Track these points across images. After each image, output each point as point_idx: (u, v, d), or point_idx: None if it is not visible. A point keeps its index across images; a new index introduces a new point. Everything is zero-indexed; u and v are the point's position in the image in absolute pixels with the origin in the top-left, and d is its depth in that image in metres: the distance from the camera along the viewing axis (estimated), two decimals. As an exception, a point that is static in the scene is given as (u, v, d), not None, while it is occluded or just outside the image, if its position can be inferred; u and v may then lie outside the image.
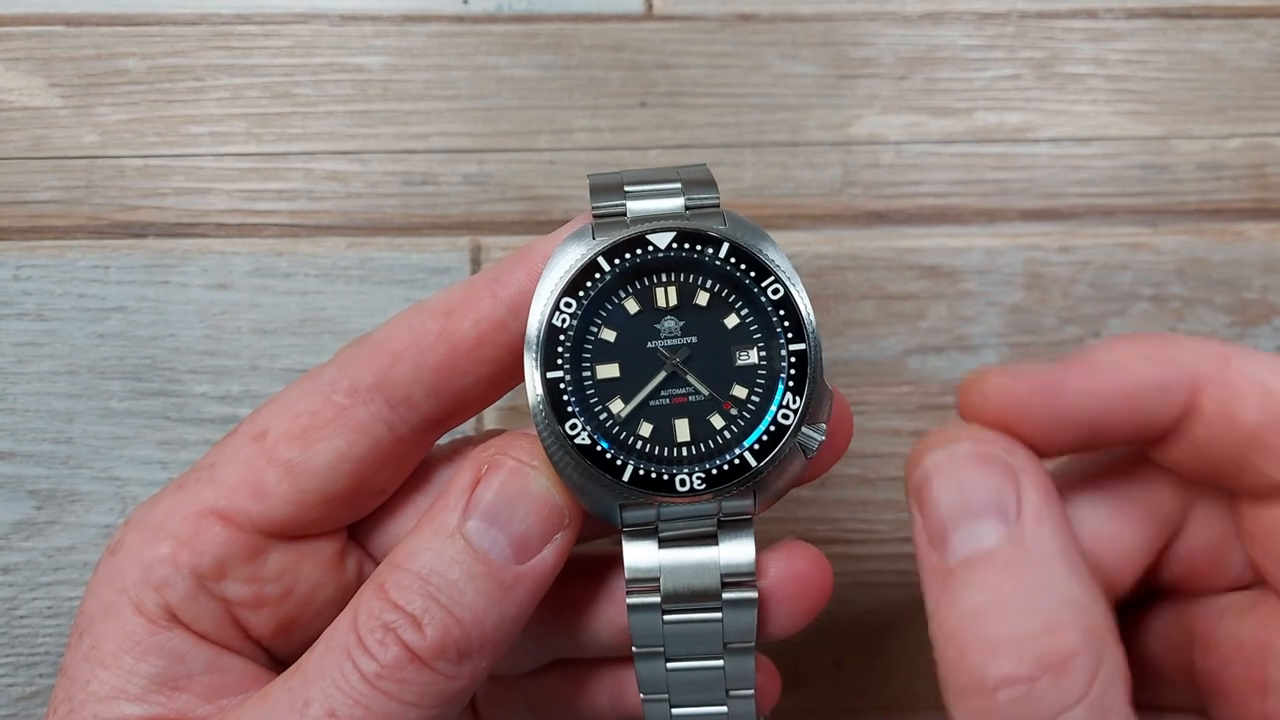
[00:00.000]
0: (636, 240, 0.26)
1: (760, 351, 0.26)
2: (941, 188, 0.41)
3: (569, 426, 0.25)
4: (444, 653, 0.24)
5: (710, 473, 0.26)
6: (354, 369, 0.27)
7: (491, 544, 0.25)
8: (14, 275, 0.39)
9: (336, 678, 0.24)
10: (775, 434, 0.26)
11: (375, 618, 0.25)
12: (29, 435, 0.38)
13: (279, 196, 0.40)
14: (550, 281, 0.26)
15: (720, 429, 0.26)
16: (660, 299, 0.27)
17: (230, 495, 0.27)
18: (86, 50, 0.40)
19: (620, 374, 0.26)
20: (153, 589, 0.26)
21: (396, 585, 0.25)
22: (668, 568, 0.26)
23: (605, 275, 0.26)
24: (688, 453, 0.26)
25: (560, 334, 0.26)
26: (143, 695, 0.26)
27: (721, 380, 0.26)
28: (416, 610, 0.24)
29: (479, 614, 0.25)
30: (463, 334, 0.27)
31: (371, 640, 0.24)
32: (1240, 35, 0.43)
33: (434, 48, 0.41)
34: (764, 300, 0.26)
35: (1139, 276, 0.41)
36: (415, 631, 0.24)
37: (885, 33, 0.42)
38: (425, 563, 0.25)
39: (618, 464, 0.25)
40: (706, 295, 0.27)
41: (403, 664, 0.24)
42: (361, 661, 0.24)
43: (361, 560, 0.29)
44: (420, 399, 0.27)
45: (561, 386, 0.26)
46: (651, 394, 0.26)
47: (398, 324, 0.27)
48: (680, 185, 0.27)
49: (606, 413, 0.26)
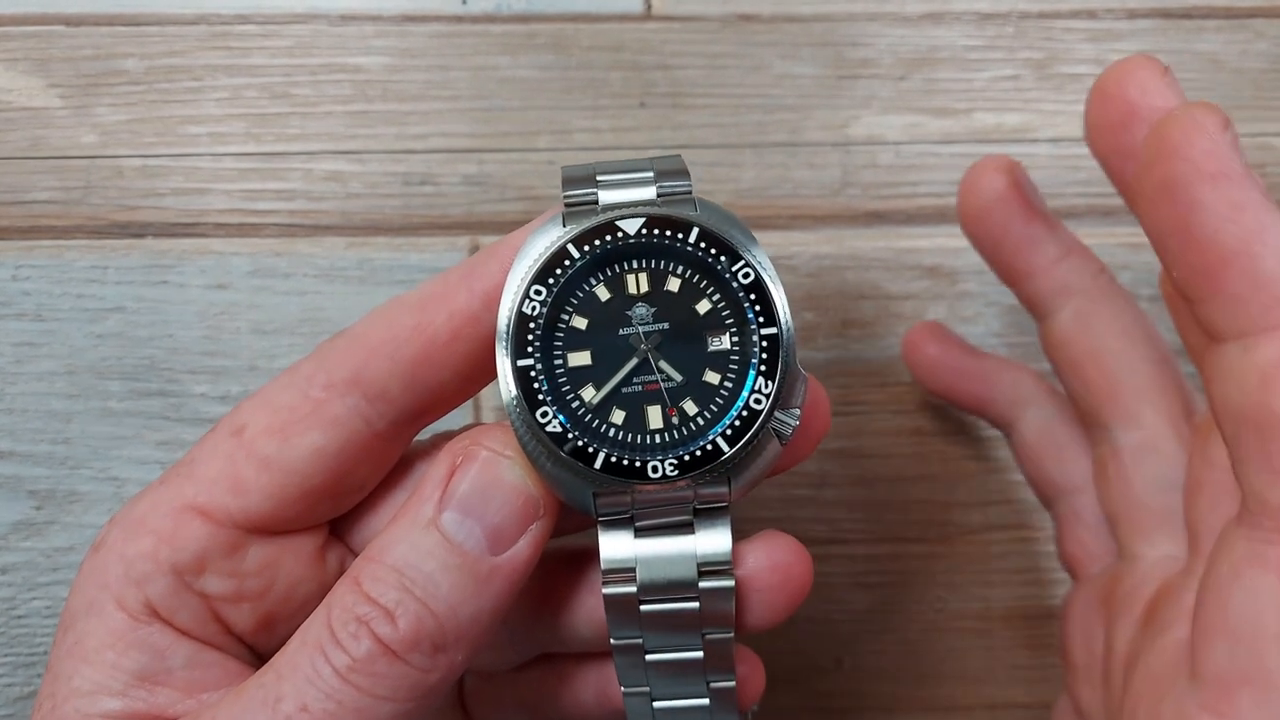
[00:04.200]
0: (606, 227, 0.26)
1: (733, 337, 0.26)
2: (941, 188, 0.41)
3: (540, 415, 0.25)
4: (417, 645, 0.24)
5: (683, 459, 0.25)
6: (331, 364, 0.27)
7: (466, 535, 0.25)
8: (12, 275, 0.39)
9: (309, 672, 0.24)
10: (748, 419, 0.25)
11: (348, 611, 0.24)
12: (28, 435, 0.38)
13: (278, 196, 0.40)
14: (520, 270, 0.26)
15: (693, 415, 0.26)
16: (631, 285, 0.26)
17: (209, 490, 0.26)
18: (85, 50, 0.40)
19: (592, 361, 0.26)
20: (134, 584, 0.26)
21: (370, 578, 0.25)
22: (643, 558, 0.26)
23: (575, 262, 0.26)
24: (660, 439, 0.26)
25: (530, 322, 0.26)
26: (124, 690, 0.26)
27: (694, 366, 0.26)
28: (390, 603, 0.24)
29: (454, 606, 0.25)
30: (437, 328, 0.26)
31: (344, 633, 0.24)
32: (1240, 35, 0.43)
33: (433, 48, 0.41)
34: (735, 285, 0.26)
35: (1139, 276, 0.41)
36: (388, 624, 0.24)
37: (885, 33, 0.42)
38: (399, 555, 0.25)
39: (589, 451, 0.25)
40: (678, 281, 0.26)
41: (375, 657, 0.24)
42: (334, 655, 0.24)
43: (343, 556, 0.29)
44: (397, 393, 0.27)
45: (533, 375, 0.25)
46: (624, 381, 0.26)
47: (374, 318, 0.27)
48: (653, 174, 0.27)
49: (579, 400, 0.26)
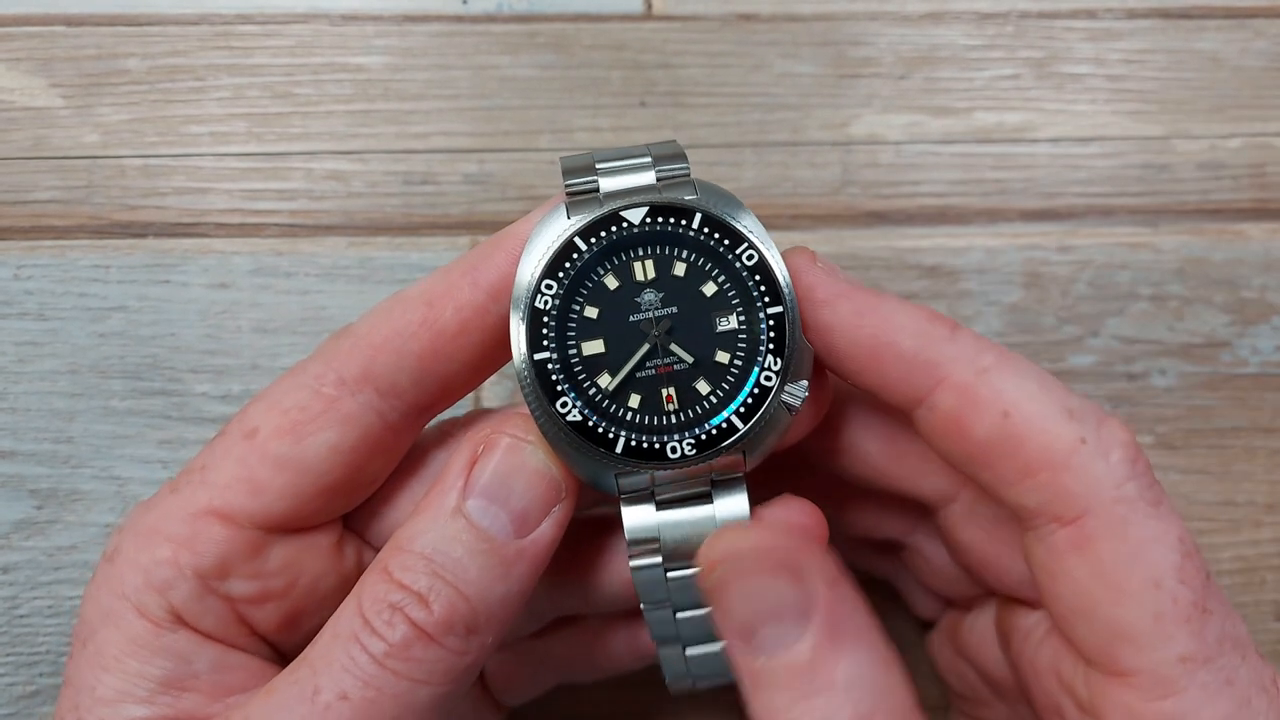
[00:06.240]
0: (611, 218, 0.27)
1: (739, 317, 0.27)
2: (941, 187, 0.41)
3: (560, 405, 0.26)
4: (452, 628, 0.25)
5: (700, 438, 0.26)
6: (339, 362, 0.27)
7: (492, 521, 0.26)
8: (15, 275, 0.39)
9: (345, 662, 0.24)
10: (759, 396, 0.26)
11: (381, 600, 0.25)
12: (30, 434, 0.38)
13: (279, 196, 0.40)
14: (530, 264, 0.27)
15: (706, 394, 0.27)
16: (639, 273, 0.27)
17: (225, 494, 0.27)
18: (87, 50, 0.41)
19: (605, 349, 0.27)
20: (156, 592, 0.26)
21: (401, 566, 0.25)
22: (666, 526, 0.27)
23: (583, 254, 0.27)
24: (676, 420, 0.27)
25: (544, 316, 0.26)
26: (149, 697, 0.26)
27: (703, 347, 0.27)
28: (422, 588, 0.25)
29: (484, 589, 0.25)
30: (445, 322, 0.27)
31: (379, 621, 0.25)
32: (1240, 35, 0.43)
33: (434, 47, 0.41)
34: (739, 266, 0.27)
35: (1138, 276, 0.41)
36: (423, 609, 0.25)
37: (885, 32, 0.42)
38: (428, 543, 0.25)
39: (610, 437, 0.26)
40: (683, 266, 0.27)
41: (411, 642, 0.24)
42: (370, 643, 0.24)
43: (359, 548, 0.29)
44: (407, 387, 0.27)
45: (549, 367, 0.26)
46: (637, 366, 0.27)
47: (379, 315, 0.28)
48: (651, 159, 0.28)
49: (595, 388, 0.26)
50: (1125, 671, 0.25)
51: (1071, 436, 0.25)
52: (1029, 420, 0.26)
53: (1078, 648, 0.26)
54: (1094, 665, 0.26)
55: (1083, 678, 0.26)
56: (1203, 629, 0.24)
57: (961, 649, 0.33)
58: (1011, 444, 0.26)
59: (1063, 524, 0.25)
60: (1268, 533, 0.40)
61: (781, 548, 0.25)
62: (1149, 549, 0.25)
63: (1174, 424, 0.40)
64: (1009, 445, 0.26)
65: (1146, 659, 0.24)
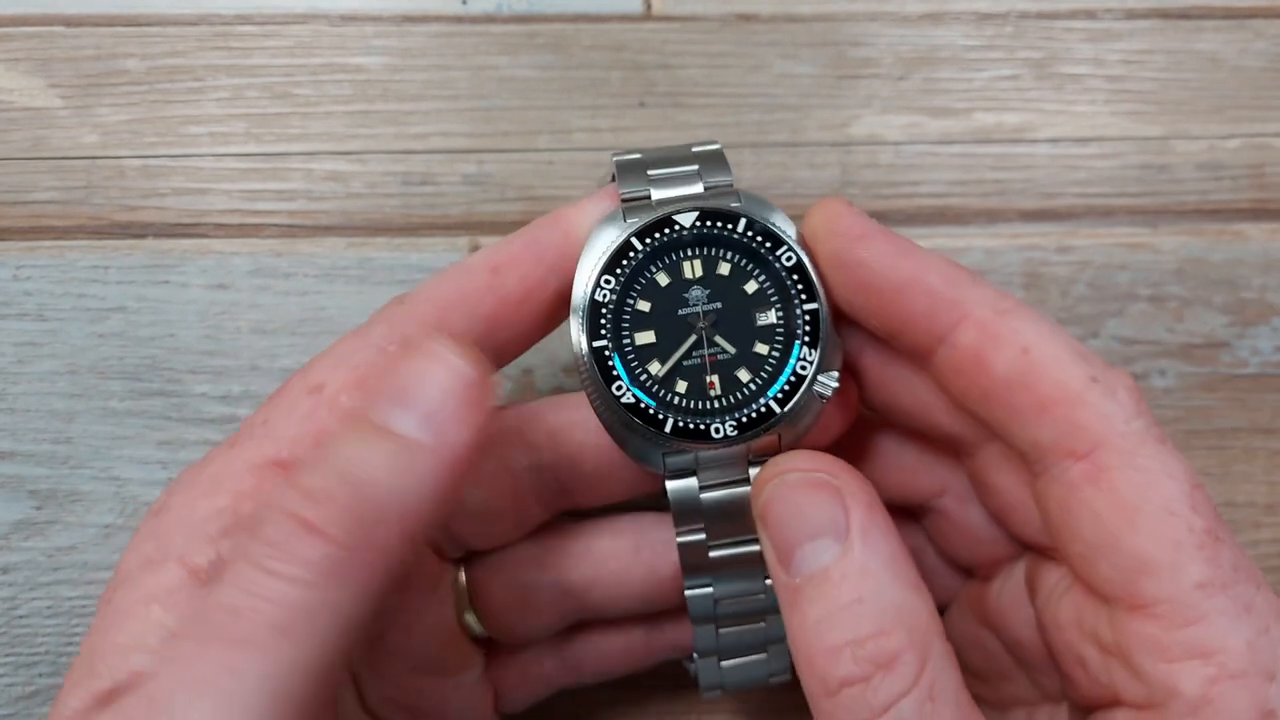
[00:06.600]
0: (664, 221, 0.30)
1: (778, 312, 0.30)
2: (940, 188, 0.41)
3: (615, 388, 0.29)
4: (341, 521, 0.23)
5: (741, 421, 0.29)
6: (403, 323, 0.28)
7: (399, 421, 0.24)
8: (14, 275, 0.39)
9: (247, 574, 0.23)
10: (795, 384, 0.29)
11: (274, 502, 0.23)
12: (29, 435, 0.38)
13: (279, 197, 0.40)
14: (590, 260, 0.29)
15: (746, 382, 0.29)
16: (688, 271, 0.30)
17: (291, 447, 0.26)
18: (86, 50, 0.40)
19: (656, 339, 0.29)
20: (208, 541, 0.25)
21: (302, 467, 0.24)
22: (709, 501, 0.29)
23: (638, 254, 0.29)
24: (719, 405, 0.29)
25: (602, 308, 0.29)
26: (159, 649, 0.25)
27: (745, 339, 0.30)
28: (314, 486, 0.23)
29: (387, 487, 0.23)
30: (510, 289, 0.28)
31: (268, 525, 0.23)
32: (1239, 35, 0.43)
33: (433, 48, 0.41)
34: (779, 267, 0.30)
35: (1138, 276, 0.41)
36: (310, 503, 0.23)
37: (885, 33, 0.42)
38: (333, 447, 0.24)
39: (660, 418, 0.29)
40: (728, 266, 0.30)
41: (297, 535, 0.23)
42: (254, 549, 0.23)
43: None
44: None
45: (606, 354, 0.29)
46: (685, 355, 0.29)
47: (441, 281, 0.29)
48: (698, 169, 0.31)
49: (646, 374, 0.29)
50: (1146, 603, 0.25)
51: (1084, 374, 0.27)
52: (1046, 358, 0.27)
53: (1098, 589, 0.27)
54: (1115, 603, 0.26)
55: (1106, 621, 0.27)
56: (1217, 555, 0.25)
57: (986, 616, 0.33)
58: (1030, 379, 0.27)
59: (1077, 458, 0.26)
60: (1267, 533, 0.40)
61: (825, 468, 0.27)
62: (1161, 480, 0.26)
63: (1173, 425, 0.40)
64: (1028, 380, 0.27)
65: (1167, 587, 0.25)
